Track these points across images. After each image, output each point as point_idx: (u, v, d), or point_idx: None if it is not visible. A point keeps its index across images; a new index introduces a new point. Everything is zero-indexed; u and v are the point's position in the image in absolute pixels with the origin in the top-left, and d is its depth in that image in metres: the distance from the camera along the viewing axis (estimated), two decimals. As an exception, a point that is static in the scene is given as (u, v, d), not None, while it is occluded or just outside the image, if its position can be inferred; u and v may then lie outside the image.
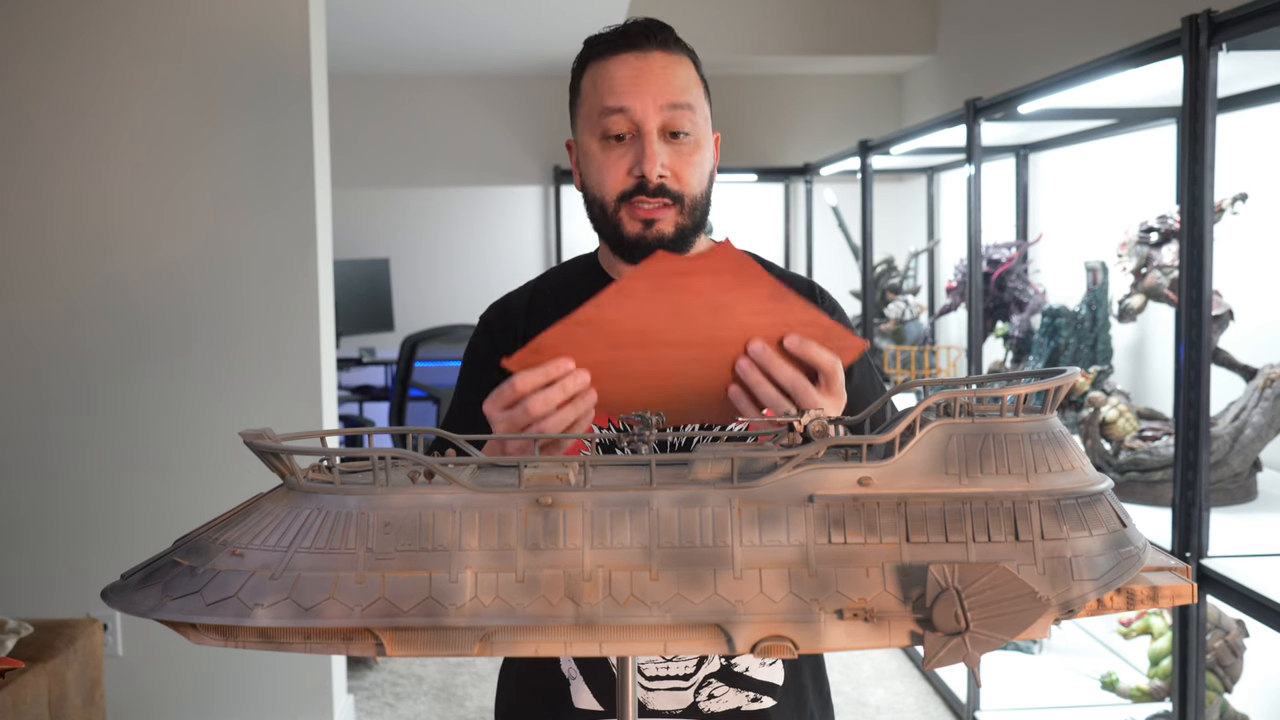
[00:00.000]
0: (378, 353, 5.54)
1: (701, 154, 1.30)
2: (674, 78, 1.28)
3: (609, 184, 1.29)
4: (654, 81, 1.27)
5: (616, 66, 1.28)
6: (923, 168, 4.96)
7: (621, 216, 1.29)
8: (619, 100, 1.26)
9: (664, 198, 1.27)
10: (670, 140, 1.28)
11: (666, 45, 1.30)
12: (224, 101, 2.85)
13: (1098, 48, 2.66)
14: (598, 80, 1.29)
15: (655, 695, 1.31)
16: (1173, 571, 0.83)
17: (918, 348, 4.37)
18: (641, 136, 1.27)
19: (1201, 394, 1.98)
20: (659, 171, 1.26)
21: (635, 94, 1.26)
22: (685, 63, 1.31)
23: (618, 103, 1.26)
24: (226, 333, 2.89)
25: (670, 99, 1.26)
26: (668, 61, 1.29)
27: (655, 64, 1.28)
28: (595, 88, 1.29)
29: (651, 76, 1.27)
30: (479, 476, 0.86)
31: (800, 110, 5.70)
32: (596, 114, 1.28)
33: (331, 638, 0.78)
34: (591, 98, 1.30)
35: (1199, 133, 1.93)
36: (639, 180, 1.27)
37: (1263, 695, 2.50)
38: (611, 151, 1.29)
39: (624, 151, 1.28)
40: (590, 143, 1.30)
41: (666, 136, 1.28)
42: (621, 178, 1.28)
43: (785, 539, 0.78)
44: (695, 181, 1.29)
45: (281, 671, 2.96)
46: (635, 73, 1.27)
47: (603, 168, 1.29)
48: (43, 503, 2.89)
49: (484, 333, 1.43)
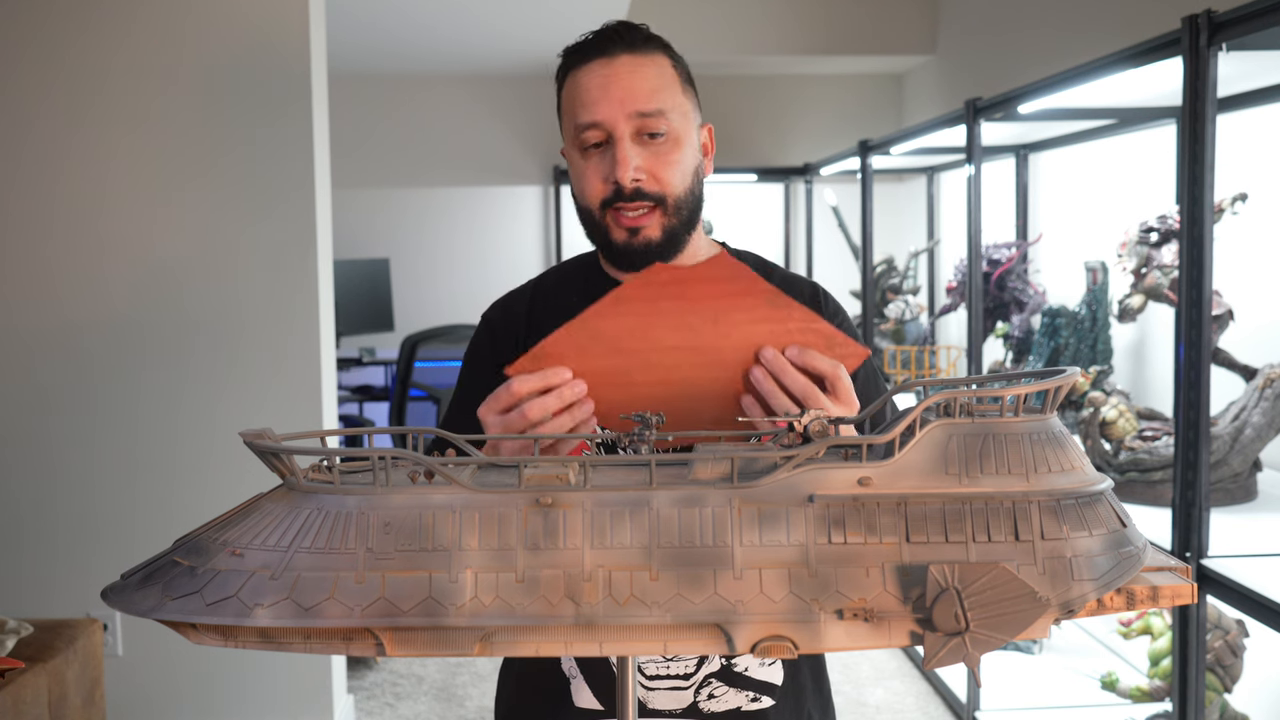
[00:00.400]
0: (378, 353, 5.54)
1: (681, 151, 1.29)
2: (642, 80, 1.27)
3: (589, 193, 1.30)
4: (619, 87, 1.26)
5: (585, 77, 1.28)
6: (923, 168, 4.96)
7: (608, 223, 1.30)
8: (589, 113, 1.27)
9: (643, 201, 1.27)
10: (647, 142, 1.27)
11: (634, 46, 1.29)
12: (224, 102, 2.85)
13: (1098, 48, 2.65)
14: (572, 93, 1.30)
15: (655, 695, 1.31)
16: (1173, 571, 0.83)
17: (918, 348, 4.37)
18: (614, 143, 1.27)
19: (1201, 394, 1.98)
20: (633, 176, 1.26)
21: (603, 103, 1.26)
22: (656, 60, 1.30)
23: (588, 116, 1.27)
24: (227, 333, 2.89)
25: (637, 104, 1.26)
26: (635, 64, 1.28)
27: (621, 69, 1.27)
28: (570, 101, 1.30)
29: (617, 82, 1.26)
30: (479, 476, 0.86)
31: (800, 110, 5.70)
32: (573, 127, 1.29)
33: (331, 638, 0.78)
34: (567, 111, 1.31)
35: (1199, 133, 1.93)
36: (615, 186, 1.27)
37: (1263, 695, 2.50)
38: (590, 160, 1.29)
39: (601, 159, 1.28)
40: (572, 153, 1.32)
41: (643, 139, 1.27)
42: (599, 185, 1.28)
43: (785, 539, 0.78)
44: (676, 180, 1.28)
45: (281, 671, 2.96)
46: (602, 81, 1.27)
47: (582, 176, 1.30)
48: (43, 503, 2.89)
49: (486, 331, 1.43)
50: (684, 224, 1.31)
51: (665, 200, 1.28)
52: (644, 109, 1.26)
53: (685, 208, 1.30)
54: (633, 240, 1.29)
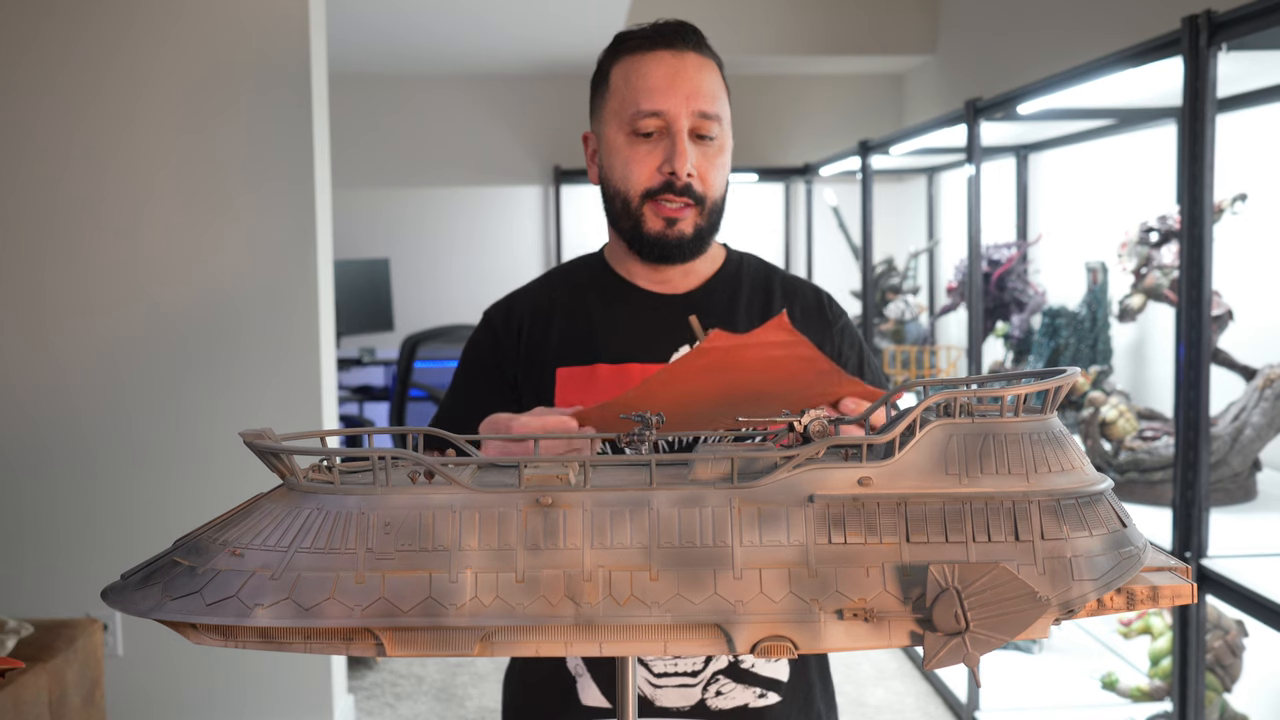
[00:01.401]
0: (378, 353, 5.54)
1: (724, 157, 1.32)
2: (706, 81, 1.29)
3: (635, 179, 1.30)
4: (688, 83, 1.28)
5: (652, 64, 1.29)
6: (923, 168, 4.96)
7: (645, 212, 1.30)
8: (652, 101, 1.27)
9: (688, 197, 1.29)
10: (697, 142, 1.29)
11: (700, 48, 1.32)
12: (224, 102, 2.85)
13: (1098, 48, 2.66)
14: (631, 75, 1.30)
15: (663, 692, 1.31)
16: (1173, 571, 0.83)
17: (918, 348, 4.37)
18: (673, 135, 1.27)
19: (1201, 394, 1.98)
20: (688, 170, 1.27)
21: (670, 93, 1.27)
22: (714, 67, 1.33)
23: (651, 104, 1.27)
24: (227, 332, 2.89)
25: (702, 104, 1.28)
26: (701, 64, 1.30)
27: (690, 65, 1.29)
28: (628, 83, 1.30)
29: (686, 77, 1.28)
30: (479, 476, 0.86)
31: (800, 110, 5.70)
32: (629, 110, 1.29)
33: (331, 638, 0.78)
34: (623, 92, 1.30)
35: (1199, 133, 1.93)
36: (668, 178, 1.28)
37: (1263, 695, 2.50)
38: (639, 147, 1.29)
39: (652, 148, 1.29)
40: (616, 136, 1.31)
41: (695, 138, 1.29)
42: (650, 173, 1.29)
43: (785, 539, 0.78)
44: (718, 184, 1.31)
45: (281, 671, 2.96)
46: (671, 71, 1.28)
47: (629, 162, 1.30)
48: (43, 503, 2.89)
49: (487, 330, 1.43)
50: (712, 227, 1.33)
51: (705, 201, 1.30)
52: (706, 110, 1.28)
53: (718, 212, 1.33)
54: (668, 232, 1.30)
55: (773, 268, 1.44)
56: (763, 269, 1.43)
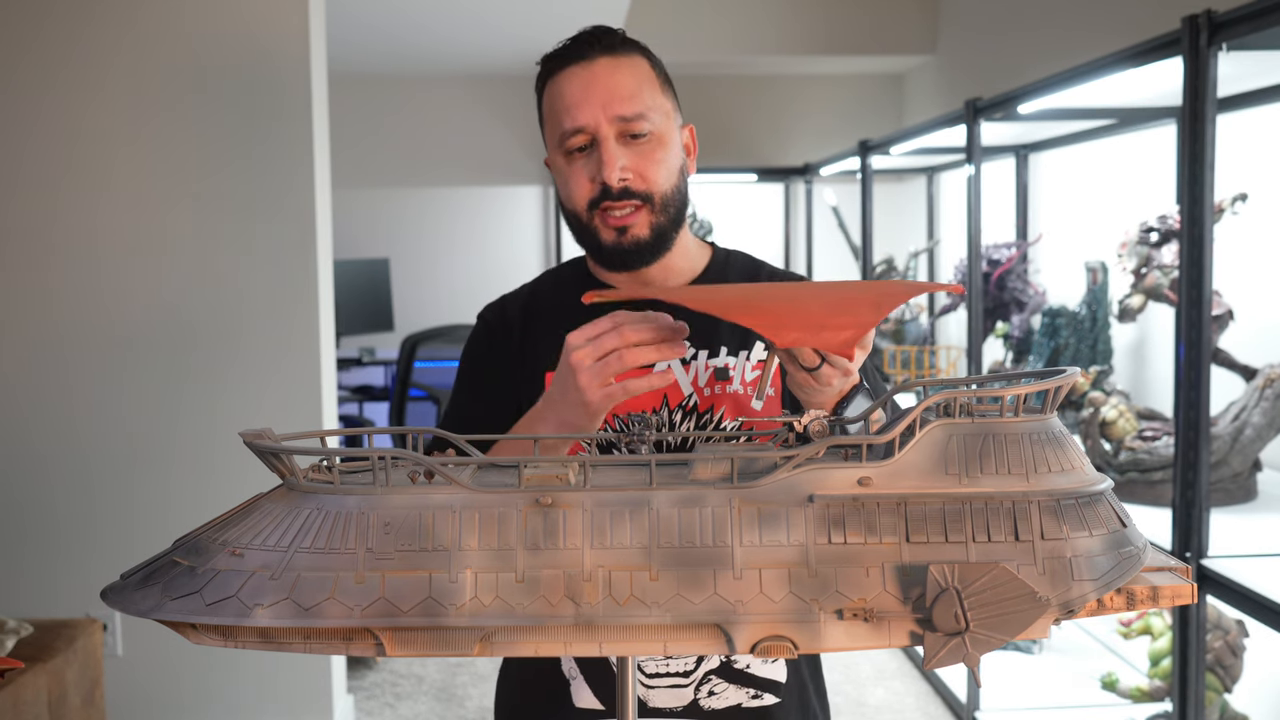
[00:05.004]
0: (378, 353, 5.54)
1: (666, 150, 1.30)
2: (621, 82, 1.28)
3: (577, 195, 1.31)
4: (600, 90, 1.27)
5: (565, 82, 1.30)
6: (923, 168, 4.96)
7: (596, 225, 1.31)
8: (571, 118, 1.28)
9: (631, 199, 1.28)
10: (630, 142, 1.29)
11: (611, 49, 1.30)
12: (224, 103, 2.85)
13: (1098, 48, 2.65)
14: (552, 98, 1.31)
15: (655, 693, 1.31)
16: (1173, 571, 0.83)
17: (918, 348, 4.37)
18: (599, 144, 1.28)
19: (1201, 394, 1.98)
20: (619, 175, 1.27)
21: (584, 106, 1.27)
22: (634, 62, 1.31)
23: (571, 121, 1.28)
24: (227, 332, 2.89)
25: (618, 107, 1.27)
26: (614, 65, 1.29)
27: (600, 71, 1.28)
28: (552, 106, 1.31)
29: (598, 86, 1.28)
30: (479, 476, 0.86)
31: (800, 110, 5.70)
32: (557, 133, 1.30)
33: (331, 638, 0.78)
34: (550, 118, 1.32)
35: (1199, 133, 1.93)
36: (602, 186, 1.28)
37: (1263, 695, 2.50)
38: (575, 164, 1.30)
39: (586, 161, 1.30)
40: (557, 158, 1.33)
41: (625, 139, 1.28)
42: (586, 186, 1.30)
43: (785, 539, 0.78)
44: (662, 178, 1.30)
45: (281, 671, 2.96)
46: (582, 84, 1.28)
47: (568, 180, 1.31)
48: (43, 503, 2.89)
49: (483, 330, 1.44)
50: (671, 222, 1.32)
51: (652, 198, 1.29)
52: (625, 112, 1.27)
53: (672, 205, 1.31)
54: (621, 239, 1.30)
55: (760, 263, 1.44)
56: (750, 265, 1.43)
